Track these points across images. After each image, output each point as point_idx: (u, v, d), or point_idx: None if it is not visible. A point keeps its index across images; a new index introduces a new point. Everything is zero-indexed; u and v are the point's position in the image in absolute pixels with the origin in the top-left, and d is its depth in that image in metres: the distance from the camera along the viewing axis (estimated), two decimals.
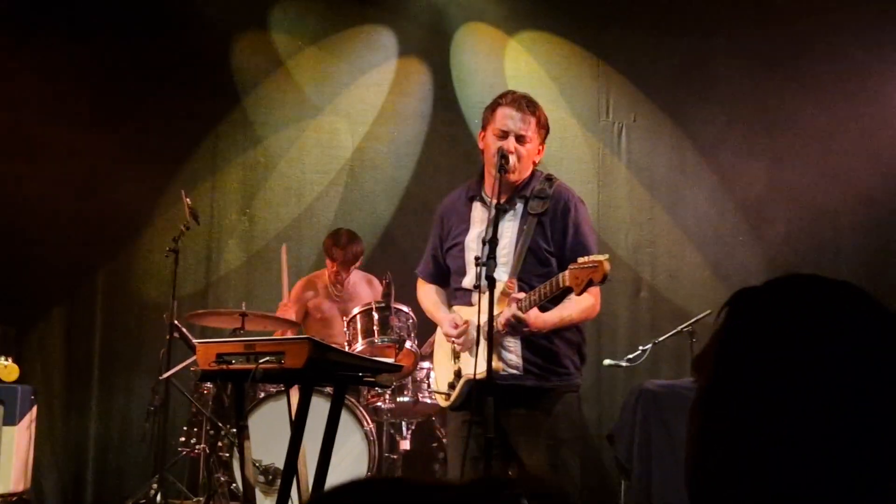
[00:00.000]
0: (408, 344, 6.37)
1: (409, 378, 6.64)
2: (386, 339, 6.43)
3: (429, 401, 6.64)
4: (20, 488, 6.45)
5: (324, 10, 8.25)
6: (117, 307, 7.96)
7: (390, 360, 5.41)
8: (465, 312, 4.50)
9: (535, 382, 4.36)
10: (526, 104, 4.47)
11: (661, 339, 6.88)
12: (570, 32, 8.16)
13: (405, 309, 6.40)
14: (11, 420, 6.41)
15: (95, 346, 7.89)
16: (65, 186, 7.75)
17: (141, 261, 7.95)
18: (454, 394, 4.49)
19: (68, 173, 7.75)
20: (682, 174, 8.11)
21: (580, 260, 4.12)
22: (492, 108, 4.51)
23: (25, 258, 7.77)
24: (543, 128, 4.52)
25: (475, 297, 4.31)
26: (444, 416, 6.95)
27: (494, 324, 4.12)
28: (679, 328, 6.83)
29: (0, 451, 6.33)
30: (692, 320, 6.74)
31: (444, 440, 7.14)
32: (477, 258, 4.21)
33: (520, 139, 4.41)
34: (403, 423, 6.86)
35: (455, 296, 4.64)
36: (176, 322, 6.50)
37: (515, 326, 4.21)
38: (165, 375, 6.42)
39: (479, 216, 4.55)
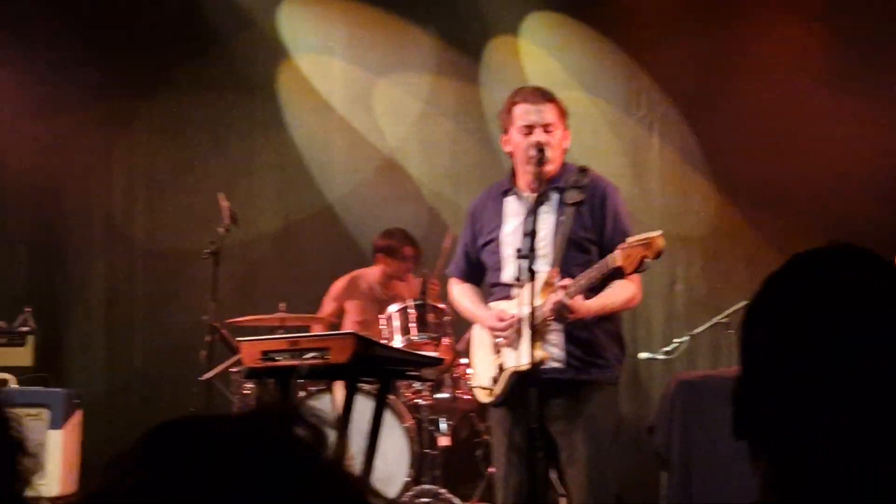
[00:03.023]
0: (445, 340, 6.40)
1: (448, 374, 6.68)
2: (423, 336, 6.47)
3: (467, 396, 6.67)
4: (68, 491, 6.53)
5: (359, 9, 8.31)
6: (158, 309, 8.06)
7: (433, 354, 5.44)
8: (504, 307, 4.52)
9: (575, 375, 4.35)
10: (541, 94, 4.49)
11: (697, 330, 6.88)
12: (601, 23, 8.17)
13: (441, 305, 6.43)
14: (57, 424, 6.48)
15: (137, 347, 8.00)
16: (102, 190, 7.89)
17: (179, 263, 8.05)
18: (497, 388, 4.46)
19: (106, 177, 7.89)
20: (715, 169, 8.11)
21: (630, 239, 4.13)
22: (507, 108, 4.52)
23: (67, 264, 7.91)
24: (564, 113, 4.52)
25: (514, 291, 4.33)
26: (484, 411, 7.03)
27: (541, 311, 4.14)
28: (715, 320, 6.82)
29: (47, 454, 6.41)
30: (728, 311, 6.73)
31: (485, 436, 7.20)
32: (519, 250, 4.21)
33: (546, 128, 4.41)
34: (442, 419, 6.90)
35: (492, 292, 4.63)
36: (216, 324, 6.57)
37: (561, 312, 4.20)
38: (207, 376, 6.47)
39: (512, 210, 4.54)
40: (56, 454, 6.43)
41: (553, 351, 4.33)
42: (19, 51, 7.93)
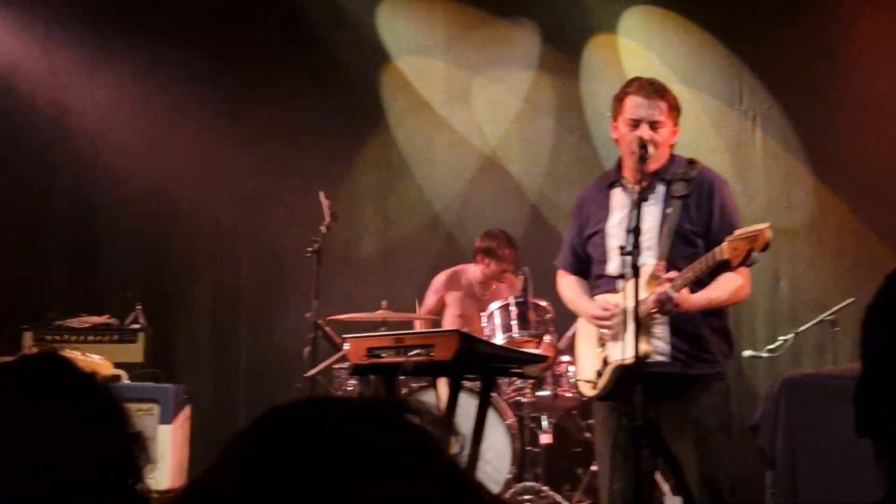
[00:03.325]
0: (546, 338, 6.37)
1: (549, 372, 6.68)
2: (525, 334, 6.46)
3: (569, 394, 6.68)
4: (177, 485, 6.67)
5: (458, 8, 8.35)
6: (262, 307, 8.22)
7: (536, 352, 5.44)
8: (610, 300, 4.50)
9: (681, 369, 4.29)
10: (654, 89, 4.41)
11: (802, 328, 6.77)
12: (701, 16, 8.09)
13: (543, 303, 6.41)
14: (167, 419, 6.63)
15: (242, 345, 8.17)
16: (209, 191, 8.08)
17: (282, 261, 8.19)
18: (601, 381, 4.42)
19: (212, 178, 8.08)
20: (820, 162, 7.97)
21: (737, 232, 4.09)
22: (619, 97, 4.46)
23: (175, 264, 8.14)
24: (675, 110, 4.44)
25: (620, 283, 4.30)
26: (586, 409, 7.01)
27: (645, 305, 4.11)
28: (820, 317, 6.71)
29: (157, 448, 6.57)
30: (834, 309, 6.61)
31: (587, 434, 7.18)
32: (622, 247, 4.19)
33: (653, 125, 4.34)
34: (543, 416, 6.90)
35: (598, 284, 4.57)
36: (319, 321, 6.66)
37: (665, 304, 4.15)
38: (311, 373, 6.55)
39: (619, 202, 4.49)
40: (166, 448, 6.57)
41: (658, 344, 4.28)
42: (130, 56, 8.15)
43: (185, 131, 8.18)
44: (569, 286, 4.77)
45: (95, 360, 6.02)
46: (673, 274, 4.15)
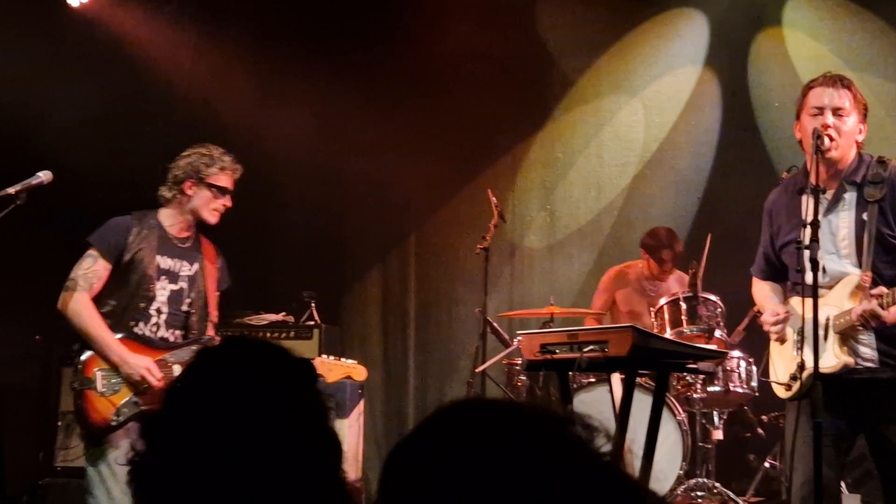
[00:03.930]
0: (717, 333, 6.29)
1: (720, 367, 6.60)
2: (695, 329, 6.40)
3: (740, 390, 6.59)
4: (351, 478, 6.85)
5: (620, 4, 8.33)
6: (429, 304, 8.36)
7: (712, 347, 5.38)
8: (782, 307, 4.39)
9: (891, 374, 4.12)
10: (838, 79, 4.30)
11: None
12: (874, 4, 7.85)
13: (713, 298, 6.34)
14: (342, 413, 6.80)
15: (410, 341, 8.32)
16: (378, 190, 8.29)
17: (450, 258, 8.31)
18: (795, 385, 4.26)
19: (381, 177, 8.28)
20: None
21: None
22: (804, 92, 4.35)
23: (345, 263, 8.38)
24: (861, 104, 4.31)
25: (821, 291, 4.14)
26: (758, 404, 6.91)
27: (849, 317, 4.00)
28: None
29: None
30: None
31: (759, 430, 7.08)
32: (797, 241, 4.06)
33: (836, 113, 4.22)
34: (715, 412, 6.83)
35: (795, 290, 4.43)
36: (488, 318, 6.75)
37: (870, 320, 4.01)
38: (480, 368, 6.64)
39: (810, 209, 4.25)
40: (342, 442, 6.75)
41: (865, 351, 4.12)
42: (304, 50, 8.42)
43: (355, 130, 8.38)
44: (759, 291, 4.68)
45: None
46: (882, 290, 4.02)
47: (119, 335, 4.73)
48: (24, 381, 7.37)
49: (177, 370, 4.67)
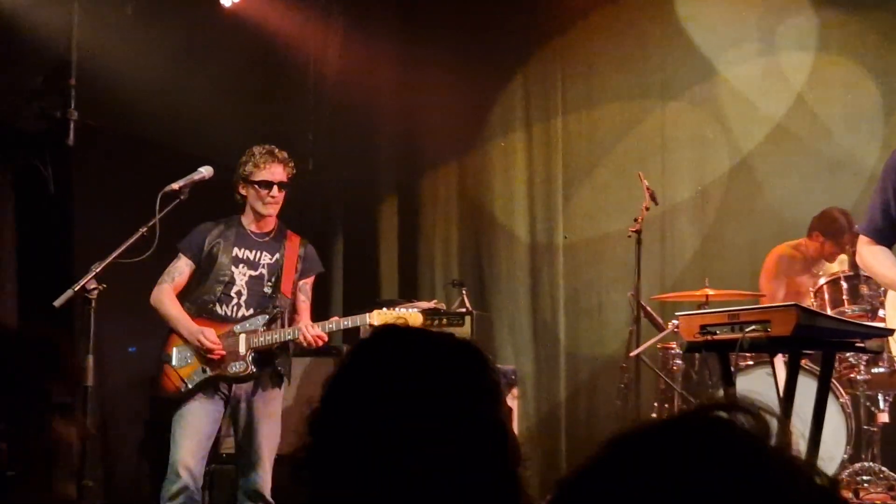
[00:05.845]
0: (881, 312, 6.11)
1: (885, 347, 6.38)
2: (857, 309, 6.23)
3: None
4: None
5: None
6: (579, 289, 8.32)
7: (881, 325, 5.22)
8: None
9: None
10: None
11: None
12: None
13: None
14: None
15: (561, 326, 8.29)
16: (522, 175, 8.32)
17: (598, 242, 8.25)
18: None
19: (526, 161, 8.30)
20: None
21: None
22: None
23: (493, 249, 8.46)
24: None
25: None
26: None
27: None
28: None
29: None
30: None
31: None
32: None
33: None
34: (880, 394, 6.61)
35: None
36: (641, 301, 6.67)
37: None
38: (635, 353, 6.57)
39: None
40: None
41: None
42: (440, 42, 8.49)
43: (495, 116, 8.44)
44: (874, 257, 4.50)
45: None
46: None
47: (198, 316, 5.36)
48: None
49: (242, 339, 5.29)
